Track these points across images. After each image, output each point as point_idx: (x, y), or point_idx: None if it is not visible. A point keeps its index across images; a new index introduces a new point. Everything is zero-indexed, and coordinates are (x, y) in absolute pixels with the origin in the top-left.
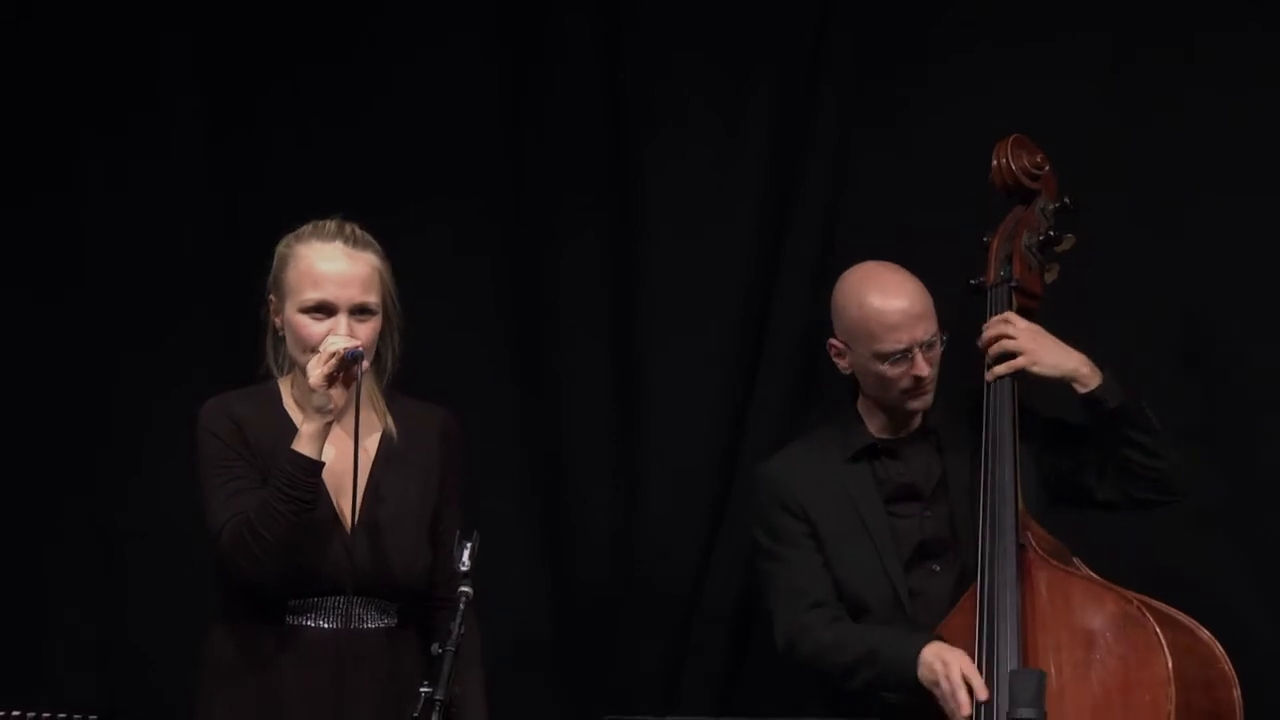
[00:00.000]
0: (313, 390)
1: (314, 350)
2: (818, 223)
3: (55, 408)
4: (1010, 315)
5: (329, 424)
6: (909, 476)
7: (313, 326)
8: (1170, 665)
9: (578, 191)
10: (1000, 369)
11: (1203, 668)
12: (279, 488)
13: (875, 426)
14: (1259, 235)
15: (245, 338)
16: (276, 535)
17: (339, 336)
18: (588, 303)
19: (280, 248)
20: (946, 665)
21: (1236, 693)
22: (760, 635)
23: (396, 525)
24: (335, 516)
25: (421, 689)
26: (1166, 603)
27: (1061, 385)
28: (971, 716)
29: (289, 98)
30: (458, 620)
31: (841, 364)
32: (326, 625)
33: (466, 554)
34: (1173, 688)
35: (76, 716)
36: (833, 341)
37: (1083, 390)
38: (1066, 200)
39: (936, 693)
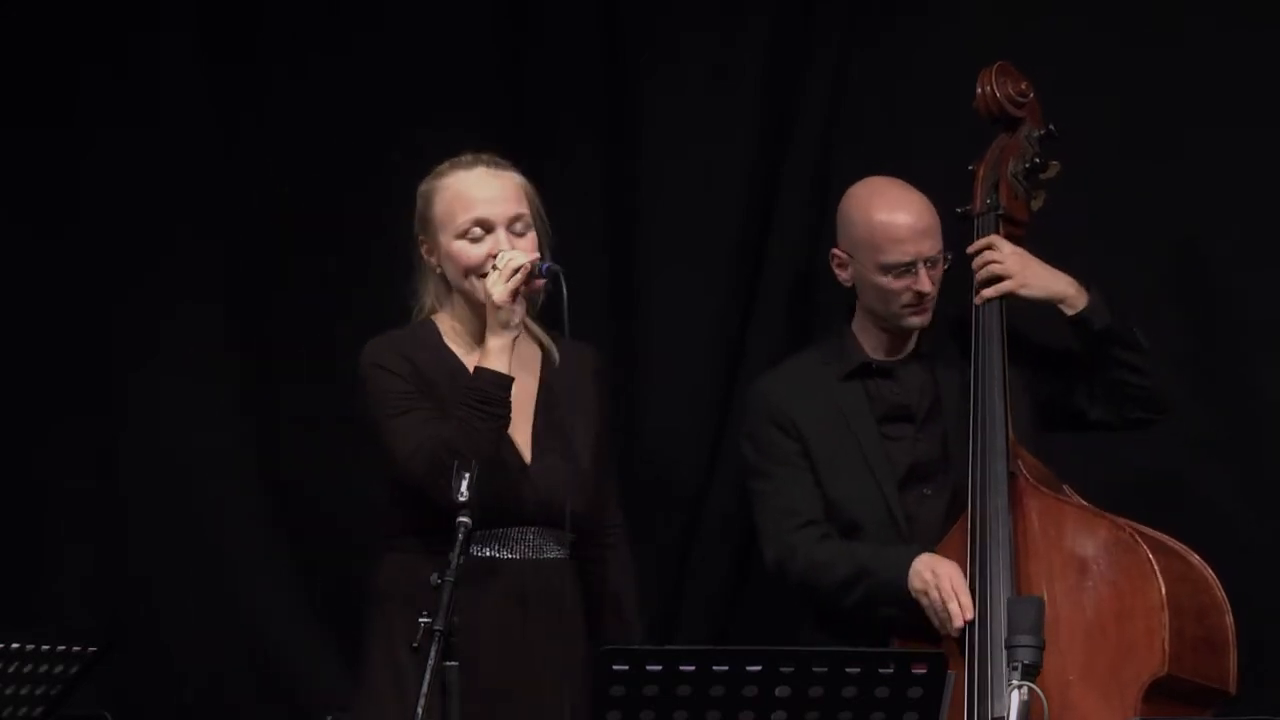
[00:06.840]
0: (498, 307)
1: (478, 274)
2: (815, 146)
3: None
4: (995, 239)
5: (515, 339)
6: (903, 397)
7: (472, 250)
8: (1163, 592)
9: (576, 118)
10: (989, 292)
11: (1195, 594)
12: (474, 405)
13: (870, 346)
14: (1251, 164)
15: (243, 267)
16: (480, 453)
17: (511, 250)
18: (586, 227)
19: (421, 189)
20: (936, 576)
21: (1229, 619)
22: (760, 561)
23: (570, 454)
24: (512, 447)
25: (421, 619)
26: (1159, 530)
27: (1049, 307)
28: (964, 630)
29: (290, 25)
30: (456, 550)
31: (843, 275)
32: (509, 555)
33: (465, 484)
34: (1166, 614)
35: (76, 648)
36: (836, 251)
37: (1070, 312)
38: (1051, 128)
39: (924, 603)
